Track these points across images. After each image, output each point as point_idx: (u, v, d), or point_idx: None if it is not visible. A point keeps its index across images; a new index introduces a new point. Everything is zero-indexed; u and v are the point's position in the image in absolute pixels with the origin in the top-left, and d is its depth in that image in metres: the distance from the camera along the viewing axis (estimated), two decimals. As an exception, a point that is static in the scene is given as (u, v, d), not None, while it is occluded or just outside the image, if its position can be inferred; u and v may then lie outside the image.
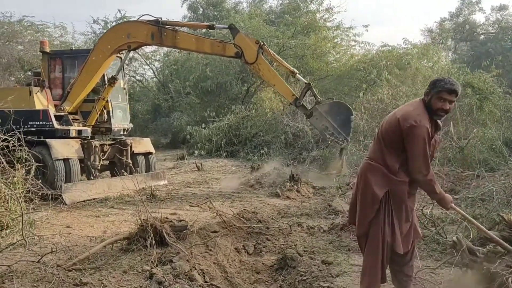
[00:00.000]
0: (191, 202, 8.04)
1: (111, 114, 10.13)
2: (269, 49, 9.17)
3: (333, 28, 22.07)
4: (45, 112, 8.84)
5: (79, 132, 9.31)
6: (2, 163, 6.68)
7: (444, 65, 20.50)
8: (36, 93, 8.97)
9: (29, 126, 8.45)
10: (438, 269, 4.23)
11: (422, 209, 5.44)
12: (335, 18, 22.35)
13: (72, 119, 9.57)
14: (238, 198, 8.56)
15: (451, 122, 10.66)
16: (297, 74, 9.48)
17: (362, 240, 3.49)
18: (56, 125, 8.82)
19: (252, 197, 8.61)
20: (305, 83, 9.42)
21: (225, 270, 4.37)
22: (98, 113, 9.87)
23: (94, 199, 8.46)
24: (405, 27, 62.07)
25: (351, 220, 3.70)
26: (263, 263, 4.67)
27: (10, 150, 7.05)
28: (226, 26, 9.31)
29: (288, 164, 11.92)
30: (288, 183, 8.86)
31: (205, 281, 4.00)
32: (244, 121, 17.04)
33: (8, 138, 6.95)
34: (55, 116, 9.14)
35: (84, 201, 8.26)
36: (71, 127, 9.07)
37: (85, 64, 9.43)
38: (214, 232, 5.22)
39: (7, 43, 19.13)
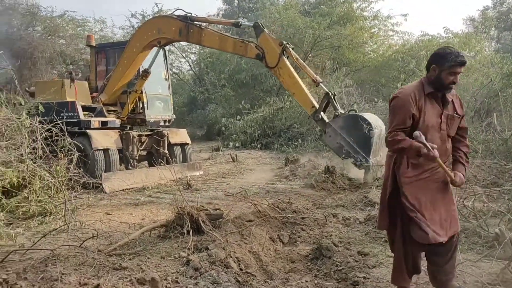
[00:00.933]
0: (226, 192, 8.11)
1: (145, 106, 10.34)
2: (293, 52, 8.39)
3: (370, 17, 21.65)
4: (73, 104, 9.20)
5: (103, 123, 9.52)
6: (46, 152, 6.97)
7: (487, 54, 19.76)
8: (67, 86, 9.34)
9: (60, 117, 8.77)
10: (479, 262, 4.11)
11: (463, 201, 5.28)
12: (373, 8, 21.77)
13: (108, 111, 9.87)
14: (273, 189, 8.56)
15: (494, 114, 10.28)
16: (321, 84, 8.38)
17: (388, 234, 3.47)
18: (81, 117, 9.13)
19: (286, 188, 8.59)
20: (325, 93, 8.34)
21: (260, 258, 4.39)
22: (131, 105, 10.15)
23: (132, 188, 8.71)
24: (444, 18, 60.06)
25: None
26: (298, 253, 4.66)
27: (53, 140, 7.36)
28: (252, 24, 8.82)
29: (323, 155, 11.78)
30: (323, 175, 8.76)
31: (241, 269, 4.03)
32: (279, 113, 17.00)
33: (51, 128, 7.26)
34: (88, 107, 9.51)
35: (123, 189, 8.53)
36: (92, 119, 9.31)
37: (121, 58, 9.75)
38: (249, 221, 5.25)
39: (49, 37, 19.74)
